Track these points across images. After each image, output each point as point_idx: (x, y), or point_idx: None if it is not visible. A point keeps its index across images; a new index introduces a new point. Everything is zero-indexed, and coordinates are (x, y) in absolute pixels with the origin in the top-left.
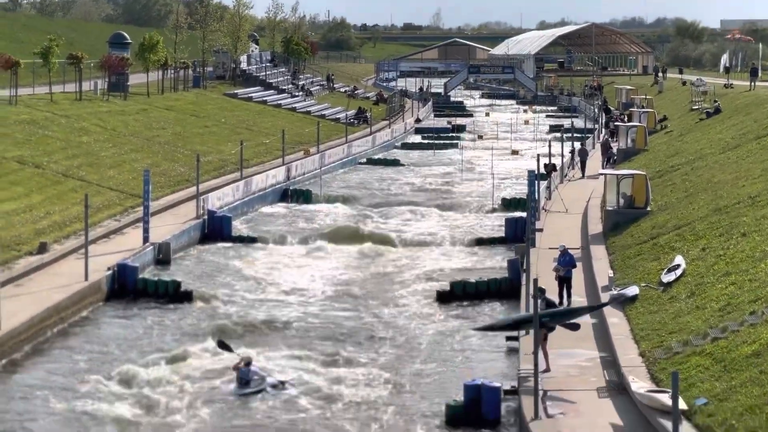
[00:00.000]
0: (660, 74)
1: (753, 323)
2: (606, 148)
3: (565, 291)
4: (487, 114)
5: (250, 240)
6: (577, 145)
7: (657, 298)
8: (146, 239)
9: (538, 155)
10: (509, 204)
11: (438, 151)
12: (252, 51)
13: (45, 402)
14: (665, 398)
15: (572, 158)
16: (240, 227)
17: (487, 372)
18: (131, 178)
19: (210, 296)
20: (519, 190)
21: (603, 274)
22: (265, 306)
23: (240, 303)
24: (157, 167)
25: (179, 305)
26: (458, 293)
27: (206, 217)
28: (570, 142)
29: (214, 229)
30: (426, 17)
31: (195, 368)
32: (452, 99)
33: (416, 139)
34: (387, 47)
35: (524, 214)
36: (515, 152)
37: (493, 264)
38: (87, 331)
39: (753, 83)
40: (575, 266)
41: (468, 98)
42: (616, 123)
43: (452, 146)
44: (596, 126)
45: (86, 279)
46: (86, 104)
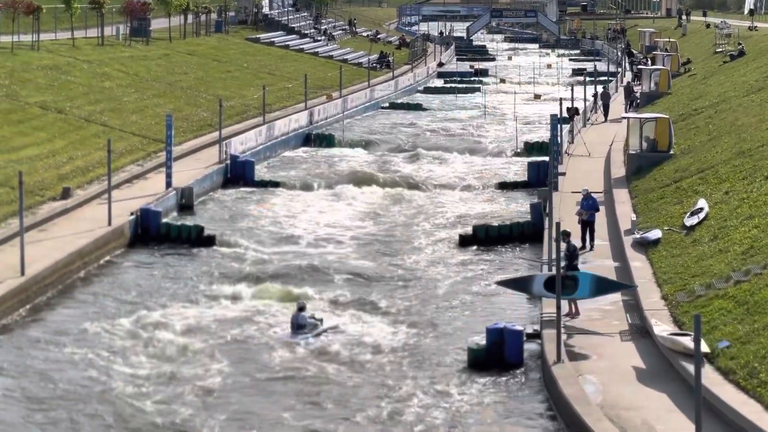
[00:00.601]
0: (684, 17)
1: None
2: (629, 92)
3: (588, 235)
4: (510, 58)
5: (273, 184)
6: (600, 89)
7: (680, 242)
8: (169, 184)
9: (561, 99)
10: (532, 148)
11: (460, 96)
12: None
13: (70, 347)
14: (687, 341)
15: (595, 102)
16: (262, 172)
17: (510, 316)
18: (154, 123)
19: (233, 241)
20: (542, 135)
21: (626, 218)
22: (288, 251)
23: (262, 248)
24: (180, 112)
25: (202, 250)
26: (481, 237)
27: (229, 162)
28: (593, 86)
29: (237, 174)
30: None
31: (223, 313)
32: (475, 43)
33: (438, 84)
34: None
35: (547, 159)
36: (538, 96)
37: (516, 208)
38: (110, 276)
39: None
40: (598, 210)
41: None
42: (640, 66)
43: (475, 90)
44: (619, 69)
45: (109, 224)
46: (108, 49)
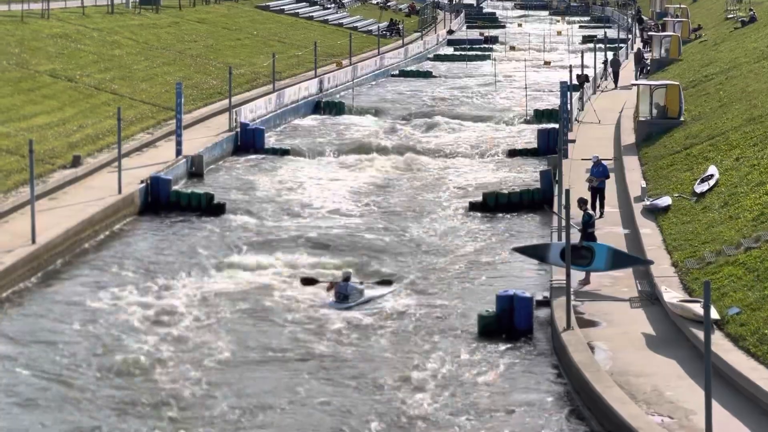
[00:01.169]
0: None
1: None
2: (639, 59)
3: (598, 202)
4: (520, 25)
5: (283, 152)
6: (610, 56)
7: (690, 209)
8: (179, 152)
9: (571, 66)
10: (542, 115)
11: (470, 63)
12: None
13: (79, 316)
14: (697, 308)
15: (605, 69)
16: (272, 139)
17: (520, 283)
18: (163, 92)
19: (243, 209)
20: (551, 102)
21: (636, 185)
22: (298, 218)
23: (272, 215)
24: (190, 80)
25: (212, 218)
26: (490, 204)
27: (239, 130)
28: (603, 53)
29: (247, 142)
30: None
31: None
32: (484, 10)
33: (448, 51)
34: None
35: (557, 126)
36: (548, 63)
37: (526, 175)
38: (121, 245)
39: None
40: (608, 177)
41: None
42: (650, 33)
43: (485, 58)
44: (629, 36)
45: (120, 192)
46: (118, 17)
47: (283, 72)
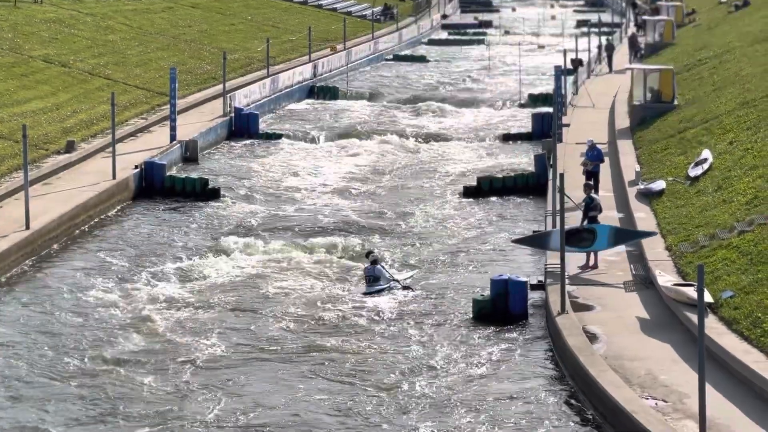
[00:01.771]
0: None
1: None
2: (633, 43)
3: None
4: (514, 9)
5: (277, 137)
6: (604, 40)
7: (684, 192)
8: (173, 137)
9: (565, 50)
10: (536, 99)
11: (464, 47)
12: None
13: (73, 301)
14: (691, 291)
15: (599, 53)
16: (267, 124)
17: (515, 267)
18: (158, 77)
19: (237, 193)
20: (546, 86)
21: (630, 169)
22: (293, 202)
23: (267, 200)
24: (184, 65)
25: (207, 202)
26: (485, 189)
27: (233, 115)
28: (597, 37)
29: (241, 127)
30: None
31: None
32: None
33: (443, 36)
34: None
35: (551, 110)
36: (542, 47)
37: (520, 159)
38: (115, 230)
39: None
40: (603, 160)
41: None
42: (644, 17)
43: (479, 42)
44: (623, 20)
45: (114, 177)
46: (112, 3)
47: (278, 57)
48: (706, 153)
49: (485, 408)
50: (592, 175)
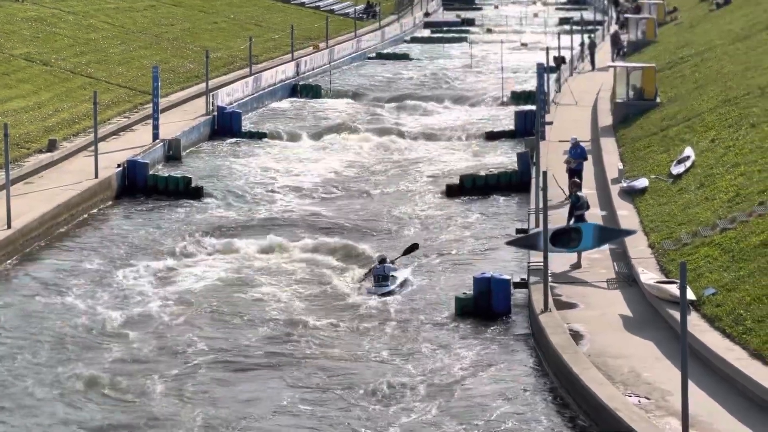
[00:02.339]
0: None
1: (761, 213)
2: (616, 40)
3: None
4: (496, 7)
5: (260, 135)
6: (587, 38)
7: (666, 190)
8: (156, 136)
9: (548, 48)
10: (519, 97)
11: (447, 45)
12: None
13: (55, 301)
14: (674, 289)
15: (582, 51)
16: (250, 123)
17: (498, 265)
18: (140, 75)
19: (220, 192)
20: (529, 84)
21: (613, 167)
22: (276, 201)
23: (250, 199)
24: (166, 64)
25: (190, 201)
26: (468, 187)
27: (216, 114)
28: (579, 35)
29: (224, 125)
30: None
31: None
32: None
33: (425, 34)
34: None
35: (534, 108)
36: (524, 45)
37: (503, 158)
38: (98, 229)
39: None
40: (586, 158)
41: None
42: (626, 15)
43: (461, 40)
44: (606, 18)
45: (96, 176)
46: (94, 1)
47: (260, 55)
48: (689, 150)
49: (467, 407)
50: (576, 173)
